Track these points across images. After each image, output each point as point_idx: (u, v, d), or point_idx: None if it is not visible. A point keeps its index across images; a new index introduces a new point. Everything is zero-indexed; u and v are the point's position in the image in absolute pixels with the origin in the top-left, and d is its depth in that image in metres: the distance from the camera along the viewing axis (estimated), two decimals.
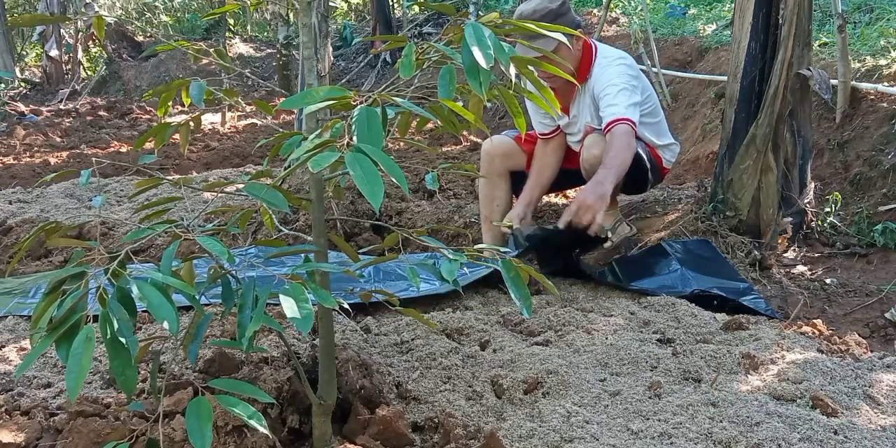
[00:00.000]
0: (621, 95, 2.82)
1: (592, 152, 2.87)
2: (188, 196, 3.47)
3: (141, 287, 1.21)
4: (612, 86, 2.85)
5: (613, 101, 2.82)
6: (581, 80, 2.95)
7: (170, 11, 15.22)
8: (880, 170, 3.31)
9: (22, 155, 6.43)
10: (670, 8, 7.78)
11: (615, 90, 2.84)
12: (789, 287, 2.86)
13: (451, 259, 1.51)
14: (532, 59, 1.45)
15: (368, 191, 1.10)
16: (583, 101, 3.01)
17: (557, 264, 2.90)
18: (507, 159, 3.17)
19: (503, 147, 3.18)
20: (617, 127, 2.76)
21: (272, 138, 1.48)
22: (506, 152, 3.17)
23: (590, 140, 2.93)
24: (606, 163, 2.70)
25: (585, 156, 2.92)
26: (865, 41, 4.36)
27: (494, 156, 3.17)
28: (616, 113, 2.79)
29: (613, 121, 2.77)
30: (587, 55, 2.95)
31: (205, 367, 1.93)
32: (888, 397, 2.01)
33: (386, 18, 11.53)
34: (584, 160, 2.92)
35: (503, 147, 3.18)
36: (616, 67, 2.92)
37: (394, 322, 2.46)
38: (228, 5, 2.03)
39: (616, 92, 2.83)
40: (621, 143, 2.74)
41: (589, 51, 2.96)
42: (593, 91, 2.93)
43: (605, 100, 2.84)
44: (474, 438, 1.76)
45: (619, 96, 2.82)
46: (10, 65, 10.76)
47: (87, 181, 1.59)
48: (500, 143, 3.19)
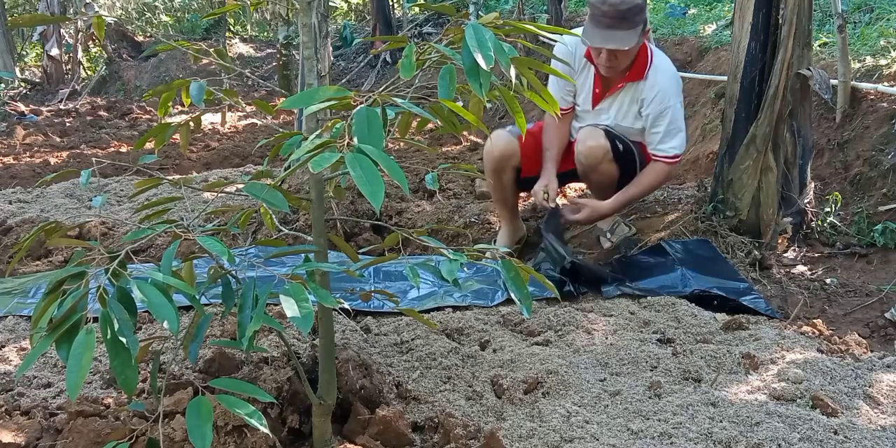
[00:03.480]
0: (679, 127, 2.97)
1: (588, 144, 2.94)
2: (188, 196, 3.47)
3: (141, 287, 1.21)
4: (673, 110, 2.94)
5: (672, 134, 2.96)
6: (632, 78, 2.94)
7: (170, 11, 15.22)
8: (880, 170, 3.31)
9: (22, 155, 6.43)
10: (670, 8, 7.77)
11: (678, 120, 2.97)
12: (789, 287, 2.86)
13: (451, 259, 1.51)
14: (532, 61, 1.45)
15: (369, 191, 1.10)
16: (624, 98, 2.99)
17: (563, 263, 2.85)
18: (508, 160, 3.12)
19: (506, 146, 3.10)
20: (661, 165, 2.99)
21: (272, 138, 1.48)
22: (506, 156, 3.10)
23: (585, 133, 2.98)
24: (631, 189, 2.97)
25: (580, 148, 2.97)
26: (865, 41, 4.36)
27: (496, 153, 3.11)
28: (667, 151, 2.97)
29: (664, 157, 2.98)
30: (643, 54, 2.93)
31: (205, 367, 1.93)
32: (888, 397, 2.01)
33: (386, 18, 11.54)
34: (580, 152, 2.97)
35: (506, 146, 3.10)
36: (674, 82, 2.97)
37: (394, 322, 2.47)
38: (228, 5, 2.03)
39: (677, 122, 2.96)
40: (656, 180, 3.03)
41: (644, 49, 2.94)
42: (644, 97, 2.94)
43: (663, 127, 2.95)
44: (474, 438, 1.76)
45: (677, 129, 2.97)
46: (11, 65, 10.76)
47: (87, 181, 1.59)
48: (502, 141, 3.11)
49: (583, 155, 2.96)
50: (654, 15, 7.46)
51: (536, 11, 9.13)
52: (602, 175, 3.01)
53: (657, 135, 2.96)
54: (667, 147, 2.96)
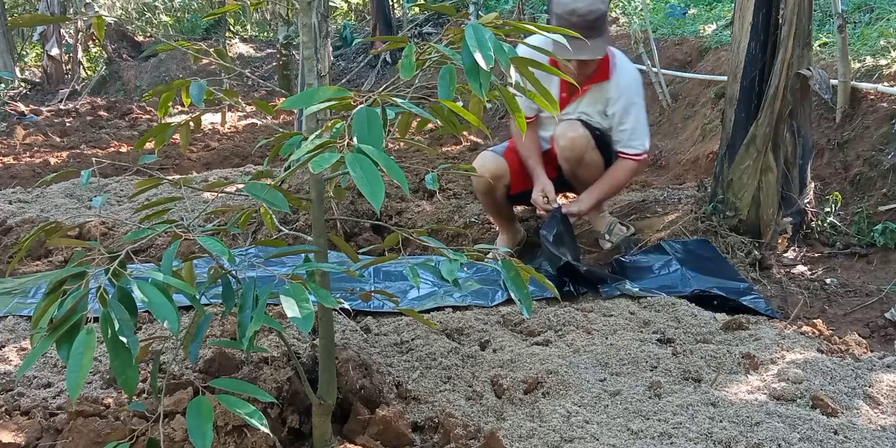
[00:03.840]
0: (644, 124, 3.05)
1: (569, 136, 2.97)
2: (188, 196, 3.47)
3: (142, 287, 1.21)
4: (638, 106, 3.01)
5: (638, 131, 3.03)
6: (597, 80, 2.97)
7: (170, 11, 15.22)
8: (880, 170, 3.31)
9: (22, 155, 6.43)
10: (670, 8, 7.77)
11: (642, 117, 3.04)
12: (789, 287, 2.86)
13: (451, 259, 1.51)
14: (532, 61, 1.45)
15: (369, 191, 1.10)
16: (589, 99, 3.02)
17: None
18: (499, 180, 3.12)
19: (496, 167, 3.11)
20: (630, 163, 3.05)
21: (272, 138, 1.48)
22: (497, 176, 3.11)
23: (562, 128, 3.01)
24: (604, 185, 3.03)
25: (562, 142, 2.99)
26: (865, 41, 4.36)
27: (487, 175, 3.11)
28: (635, 148, 3.03)
29: (633, 154, 3.04)
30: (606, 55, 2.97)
31: (205, 367, 1.93)
32: (888, 397, 2.01)
33: (386, 18, 11.53)
34: (563, 147, 3.00)
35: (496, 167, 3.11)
36: (636, 81, 3.01)
37: (394, 322, 2.47)
38: (228, 5, 2.03)
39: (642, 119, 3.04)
40: (627, 178, 3.13)
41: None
42: (610, 96, 2.98)
43: (630, 124, 3.01)
44: (474, 438, 1.76)
45: (643, 126, 3.04)
46: (11, 65, 10.76)
47: (87, 181, 1.59)
48: (492, 163, 3.12)
49: (567, 148, 2.98)
50: (654, 15, 7.45)
51: (536, 11, 9.13)
52: (589, 166, 3.04)
53: (625, 132, 3.02)
54: (636, 144, 3.03)
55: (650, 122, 5.65)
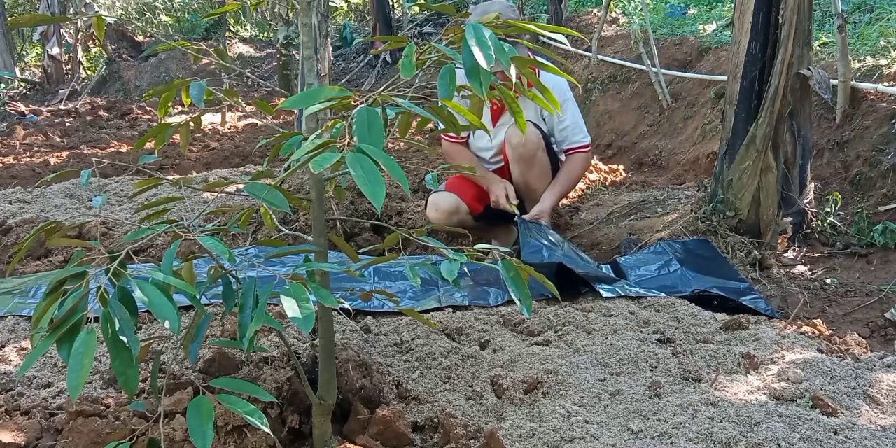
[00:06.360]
0: (579, 117, 3.21)
1: (519, 138, 3.03)
2: (188, 196, 3.47)
3: (142, 287, 1.21)
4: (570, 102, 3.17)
5: (576, 125, 3.20)
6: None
7: (170, 11, 15.22)
8: (880, 170, 3.31)
9: (22, 155, 6.43)
10: (670, 8, 7.77)
11: (577, 111, 3.21)
12: (789, 287, 2.86)
13: (452, 259, 1.51)
14: (532, 60, 1.45)
15: (370, 191, 1.10)
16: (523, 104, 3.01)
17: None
18: (454, 215, 3.16)
19: (447, 204, 3.16)
20: (580, 155, 3.21)
21: (272, 138, 1.48)
22: (451, 211, 3.16)
23: (510, 132, 3.09)
24: (563, 180, 3.15)
25: (514, 143, 3.06)
26: (865, 41, 4.36)
27: (441, 214, 3.17)
28: (581, 141, 3.21)
29: (581, 147, 3.21)
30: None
31: (205, 367, 1.93)
32: (888, 397, 2.01)
33: (386, 18, 11.54)
34: (514, 148, 3.07)
35: (447, 204, 3.16)
36: (560, 79, 3.00)
37: (394, 322, 2.47)
38: (228, 5, 2.03)
39: (576, 113, 3.20)
40: (582, 170, 3.31)
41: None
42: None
43: (568, 120, 3.17)
44: (474, 438, 1.76)
45: (579, 119, 3.21)
46: (11, 65, 10.77)
47: (87, 181, 1.59)
48: (445, 202, 3.17)
49: (520, 145, 3.04)
50: (654, 15, 7.46)
51: (536, 11, 9.14)
52: (540, 167, 3.11)
53: (567, 129, 3.18)
54: (580, 138, 3.20)
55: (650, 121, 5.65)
